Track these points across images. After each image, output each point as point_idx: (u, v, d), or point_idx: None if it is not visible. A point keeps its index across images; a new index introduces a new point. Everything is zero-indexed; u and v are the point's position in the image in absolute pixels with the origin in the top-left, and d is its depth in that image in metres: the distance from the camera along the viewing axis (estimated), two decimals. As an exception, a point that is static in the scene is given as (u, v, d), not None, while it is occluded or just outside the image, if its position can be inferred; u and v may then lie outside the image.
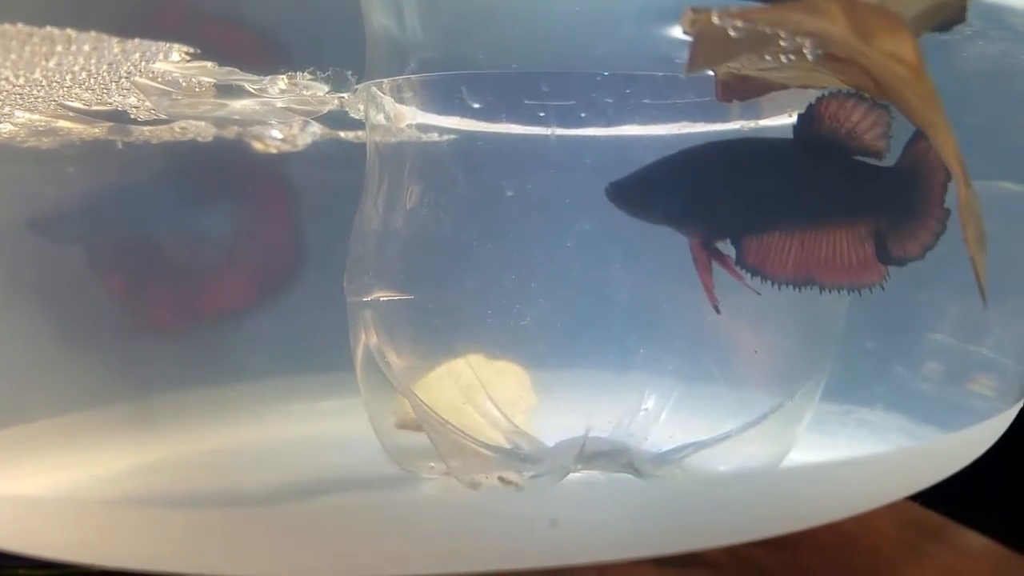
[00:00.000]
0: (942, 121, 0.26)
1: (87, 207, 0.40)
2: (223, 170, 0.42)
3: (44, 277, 0.40)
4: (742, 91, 0.30)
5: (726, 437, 0.31)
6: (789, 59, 0.28)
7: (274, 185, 0.44)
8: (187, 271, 0.42)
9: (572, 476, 0.32)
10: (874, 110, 0.28)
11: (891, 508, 0.27)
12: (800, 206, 0.29)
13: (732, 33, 0.27)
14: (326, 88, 0.34)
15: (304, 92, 0.34)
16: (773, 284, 0.28)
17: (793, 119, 0.32)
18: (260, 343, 0.42)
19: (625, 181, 0.29)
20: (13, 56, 0.27)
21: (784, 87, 0.30)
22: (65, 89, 0.31)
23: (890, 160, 0.29)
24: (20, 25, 0.26)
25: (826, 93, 0.28)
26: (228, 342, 0.43)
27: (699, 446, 0.32)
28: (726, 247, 0.29)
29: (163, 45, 0.29)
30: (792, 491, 0.25)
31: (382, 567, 0.23)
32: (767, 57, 0.28)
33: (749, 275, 0.28)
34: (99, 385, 0.40)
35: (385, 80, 0.33)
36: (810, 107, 0.28)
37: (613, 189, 0.29)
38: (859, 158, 0.29)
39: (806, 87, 0.31)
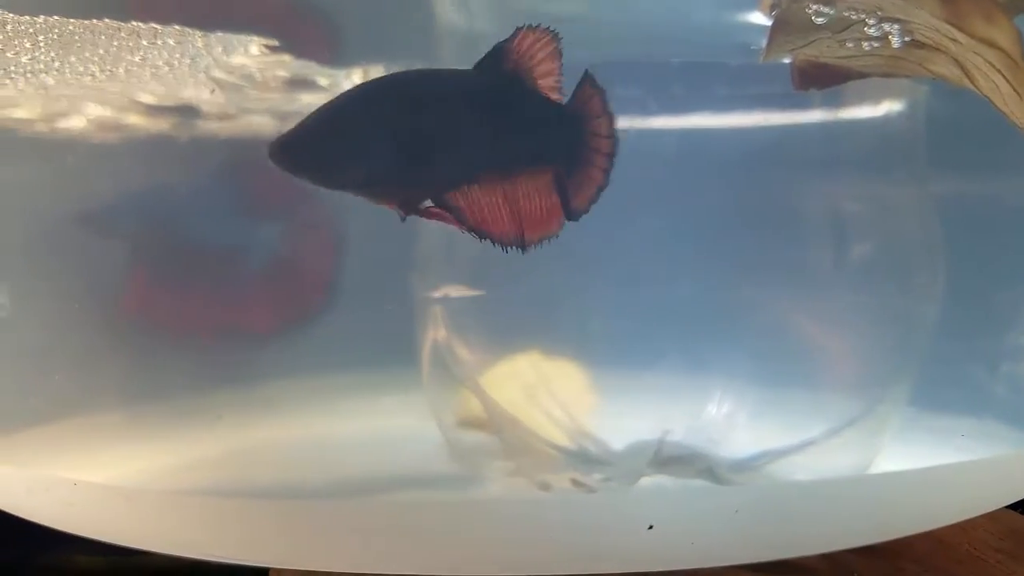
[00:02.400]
0: (1043, 111, 0.25)
1: (142, 203, 0.41)
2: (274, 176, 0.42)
3: (104, 271, 0.40)
4: (820, 79, 0.29)
5: (810, 443, 0.30)
6: (872, 46, 0.27)
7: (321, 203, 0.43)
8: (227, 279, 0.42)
9: (652, 480, 0.31)
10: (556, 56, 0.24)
11: (990, 517, 0.26)
12: (492, 151, 0.25)
13: (815, 19, 0.26)
14: (397, 82, 0.34)
15: (376, 86, 0.34)
16: (496, 245, 0.24)
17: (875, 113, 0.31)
18: (320, 339, 0.42)
19: (291, 137, 0.23)
20: (101, 51, 0.28)
21: (864, 76, 0.29)
22: (142, 83, 0.32)
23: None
24: (107, 20, 0.27)
25: (525, 27, 0.24)
26: (287, 337, 0.43)
27: (782, 452, 0.30)
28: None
29: (243, 39, 0.30)
30: (890, 498, 0.23)
31: (452, 566, 0.22)
32: (849, 44, 0.27)
33: (475, 237, 0.24)
34: (158, 379, 0.40)
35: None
36: (505, 42, 0.24)
37: (277, 147, 0.22)
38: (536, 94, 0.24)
39: (887, 76, 0.30)
